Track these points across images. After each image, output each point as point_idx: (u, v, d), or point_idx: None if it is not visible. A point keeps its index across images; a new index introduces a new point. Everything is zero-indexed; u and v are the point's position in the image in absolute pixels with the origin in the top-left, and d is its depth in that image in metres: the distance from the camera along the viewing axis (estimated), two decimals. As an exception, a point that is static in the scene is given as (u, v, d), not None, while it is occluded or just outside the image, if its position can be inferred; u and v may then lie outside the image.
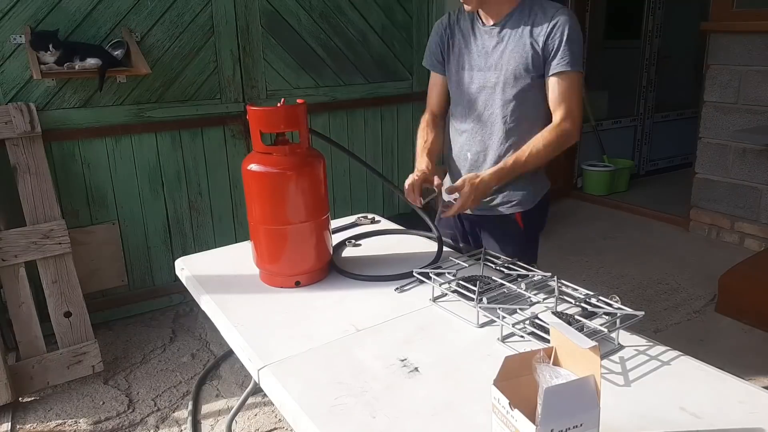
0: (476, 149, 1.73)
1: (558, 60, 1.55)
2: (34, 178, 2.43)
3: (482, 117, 1.69)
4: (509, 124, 1.65)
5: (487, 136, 1.70)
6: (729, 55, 3.64)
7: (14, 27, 2.47)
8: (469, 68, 1.68)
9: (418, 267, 1.43)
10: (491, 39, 1.63)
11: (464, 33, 1.69)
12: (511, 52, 1.60)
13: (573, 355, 0.79)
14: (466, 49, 1.68)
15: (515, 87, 1.61)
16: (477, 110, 1.69)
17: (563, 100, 1.58)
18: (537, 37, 1.56)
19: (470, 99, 1.70)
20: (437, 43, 1.74)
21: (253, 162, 1.37)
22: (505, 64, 1.61)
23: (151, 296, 3.01)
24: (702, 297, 3.11)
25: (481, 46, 1.65)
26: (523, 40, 1.58)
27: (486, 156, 1.71)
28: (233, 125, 3.04)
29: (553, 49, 1.55)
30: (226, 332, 1.27)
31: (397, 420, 0.93)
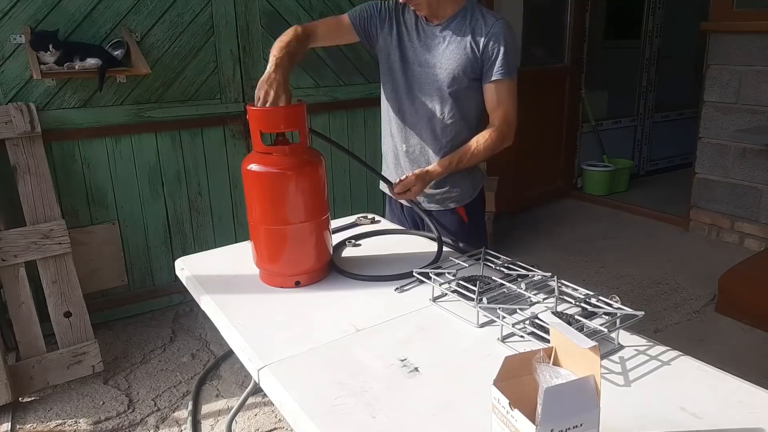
0: (412, 142, 1.79)
1: (496, 68, 1.64)
2: (34, 178, 2.43)
3: (419, 112, 1.75)
4: (447, 120, 1.72)
5: (423, 130, 1.76)
6: (729, 55, 3.64)
7: (14, 27, 2.47)
8: (411, 62, 1.73)
9: (418, 267, 1.43)
10: (434, 38, 1.69)
11: (408, 28, 1.73)
12: (452, 52, 1.67)
13: (573, 355, 0.79)
14: (409, 42, 1.72)
15: (453, 86, 1.68)
16: (415, 104, 1.75)
17: (500, 105, 1.68)
18: (477, 43, 1.64)
19: (410, 94, 1.75)
20: (376, 15, 1.74)
21: (253, 162, 1.37)
22: (445, 63, 1.67)
23: (151, 296, 3.01)
24: (702, 297, 3.11)
25: (423, 43, 1.71)
26: (463, 44, 1.65)
27: (421, 149, 1.79)
28: (233, 125, 3.04)
29: (491, 58, 1.64)
30: (226, 332, 1.27)
31: (397, 420, 0.93)
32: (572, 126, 4.80)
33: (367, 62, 3.38)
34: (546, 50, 4.71)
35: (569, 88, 4.64)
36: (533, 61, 4.57)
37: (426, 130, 1.76)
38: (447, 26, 1.68)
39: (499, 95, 1.68)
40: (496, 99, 1.68)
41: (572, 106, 4.72)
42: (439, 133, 1.75)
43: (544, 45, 4.69)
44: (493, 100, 1.69)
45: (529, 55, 4.47)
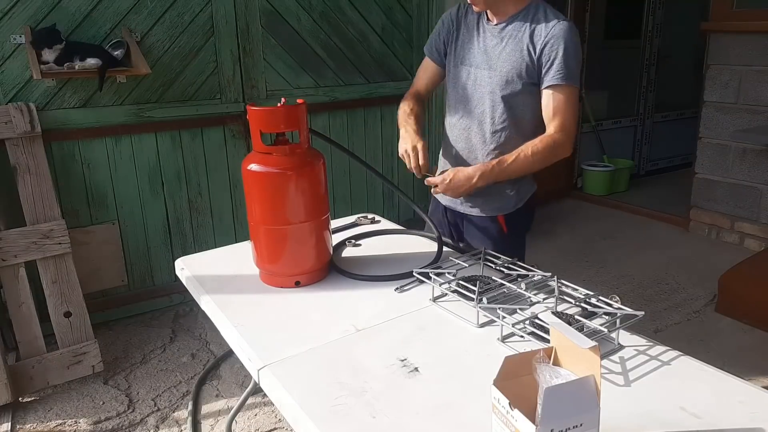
0: (462, 146, 1.76)
1: (554, 73, 1.55)
2: (34, 178, 2.43)
3: (472, 115, 1.71)
4: (497, 125, 1.66)
5: (473, 134, 1.72)
6: (729, 55, 3.64)
7: (14, 27, 2.47)
8: (467, 64, 1.69)
9: (418, 267, 1.43)
10: (493, 38, 1.64)
11: (469, 28, 1.69)
12: (508, 54, 1.60)
13: (573, 355, 0.79)
14: (468, 44, 1.68)
15: (507, 89, 1.62)
16: (468, 107, 1.71)
17: (557, 113, 1.57)
18: (534, 44, 1.56)
19: (463, 95, 1.72)
20: (442, 32, 1.75)
21: (253, 162, 1.37)
22: (500, 65, 1.61)
23: (151, 296, 3.01)
24: (702, 297, 3.11)
25: (482, 44, 1.66)
26: (520, 45, 1.58)
27: (470, 154, 1.74)
28: (233, 125, 3.04)
29: (548, 61, 1.55)
30: (226, 332, 1.27)
31: (397, 420, 0.93)
32: (572, 126, 4.78)
33: (367, 62, 3.39)
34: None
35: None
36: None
37: (475, 134, 1.71)
38: (506, 26, 1.61)
39: (555, 102, 1.57)
40: (552, 106, 1.57)
41: (572, 106, 4.71)
42: (487, 138, 1.69)
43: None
44: (549, 106, 1.58)
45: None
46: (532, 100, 1.62)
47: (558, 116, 1.58)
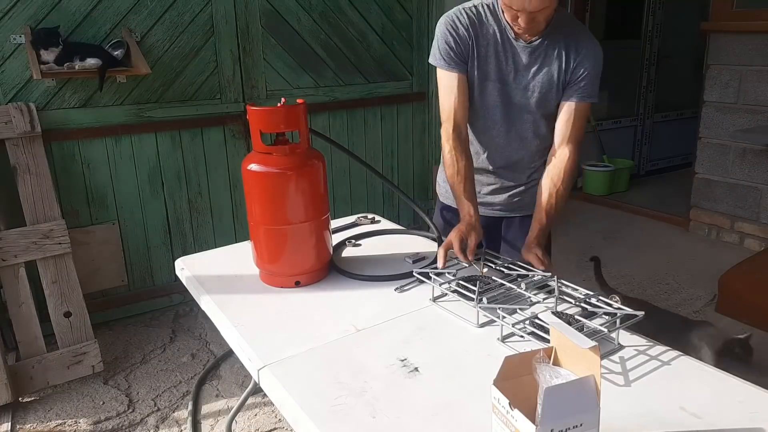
0: (500, 163, 1.71)
1: (582, 90, 1.56)
2: (34, 178, 2.43)
3: (511, 133, 1.65)
4: (542, 140, 1.65)
5: (515, 151, 1.68)
6: (729, 55, 3.64)
7: (14, 27, 2.47)
8: (497, 81, 1.57)
9: (418, 267, 1.43)
10: (525, 56, 1.55)
11: (489, 40, 1.55)
12: (546, 74, 1.56)
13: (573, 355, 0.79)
14: (493, 59, 1.55)
15: (547, 108, 1.60)
16: (505, 126, 1.63)
17: (575, 129, 1.59)
18: (569, 62, 1.55)
19: (496, 113, 1.62)
20: (457, 39, 1.54)
21: (253, 162, 1.37)
22: (537, 85, 1.56)
23: (151, 296, 3.01)
24: (702, 297, 3.11)
25: (511, 60, 1.55)
26: (558, 62, 1.55)
27: (513, 173, 1.72)
28: (233, 125, 3.04)
29: (579, 78, 1.55)
30: (226, 332, 1.27)
31: (397, 420, 0.93)
32: (572, 126, 4.78)
33: (367, 62, 3.39)
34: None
35: (569, 88, 4.63)
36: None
37: (517, 151, 1.67)
38: (541, 43, 1.54)
39: (576, 117, 1.58)
40: (573, 121, 1.58)
41: (572, 106, 4.71)
42: (534, 154, 1.68)
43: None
44: (569, 121, 1.58)
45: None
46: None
47: (575, 132, 1.59)
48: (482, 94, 1.60)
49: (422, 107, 3.66)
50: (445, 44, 1.56)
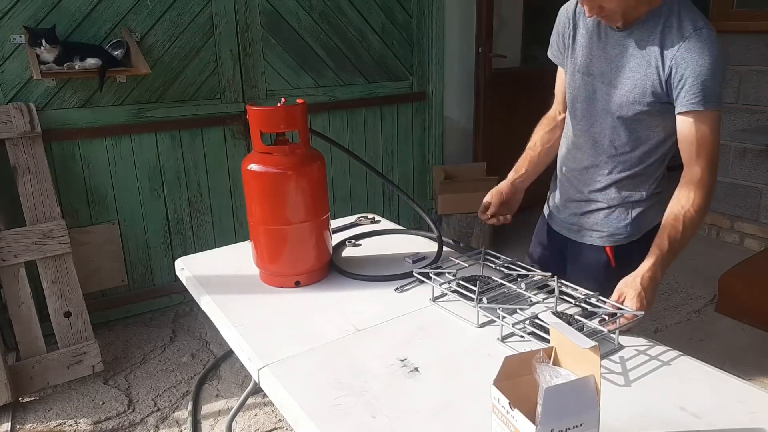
0: (571, 166, 1.53)
1: (691, 96, 1.25)
2: (34, 178, 2.43)
3: (587, 134, 1.46)
4: (617, 150, 1.42)
5: (586, 156, 1.47)
6: (729, 55, 3.64)
7: (14, 27, 2.47)
8: (586, 73, 1.42)
9: (418, 267, 1.43)
10: (616, 46, 1.35)
11: (588, 28, 1.41)
12: (632, 68, 1.33)
13: (573, 355, 0.79)
14: (587, 48, 1.41)
15: (631, 110, 1.35)
16: (583, 124, 1.46)
17: (702, 148, 1.30)
18: (664, 58, 1.27)
19: (578, 109, 1.46)
20: (559, 31, 1.49)
21: (253, 162, 1.37)
22: (623, 81, 1.34)
23: (151, 296, 3.01)
24: (702, 297, 3.11)
25: (602, 50, 1.38)
26: (647, 58, 1.30)
27: (578, 179, 1.52)
28: (233, 125, 3.04)
29: (683, 80, 1.25)
30: (226, 332, 1.27)
31: (397, 420, 0.93)
32: (572, 126, 4.79)
33: (367, 62, 3.39)
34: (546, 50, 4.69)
35: (569, 88, 4.62)
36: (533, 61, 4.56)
37: (588, 156, 1.47)
38: (633, 32, 1.31)
39: (698, 133, 1.28)
40: (696, 138, 1.29)
41: (572, 106, 4.71)
42: (602, 163, 1.45)
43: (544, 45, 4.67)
44: (690, 139, 1.30)
45: (529, 55, 4.46)
46: (662, 121, 1.36)
47: (703, 152, 1.30)
48: (571, 85, 1.47)
49: (422, 107, 3.66)
50: (553, 38, 1.54)
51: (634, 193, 1.46)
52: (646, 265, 1.26)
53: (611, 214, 1.48)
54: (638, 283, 1.22)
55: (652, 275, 1.24)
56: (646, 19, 1.30)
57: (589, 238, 1.53)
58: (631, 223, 1.48)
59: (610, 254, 1.50)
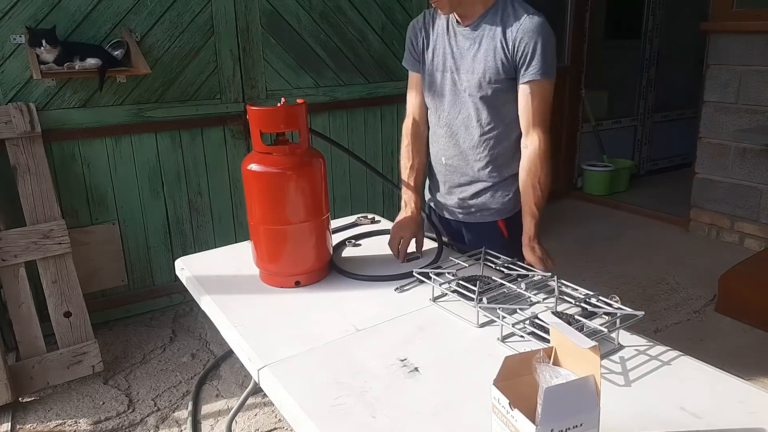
0: (451, 153, 1.71)
1: (532, 68, 1.51)
2: (34, 178, 2.43)
3: (456, 121, 1.66)
4: (485, 127, 1.62)
5: (462, 139, 1.67)
6: (729, 55, 3.64)
7: (14, 27, 2.47)
8: (443, 70, 1.64)
9: (418, 267, 1.43)
10: (465, 40, 1.59)
11: (440, 33, 1.65)
12: (483, 54, 1.56)
13: (573, 355, 0.79)
14: (441, 49, 1.64)
15: (488, 90, 1.57)
16: (451, 114, 1.67)
17: (537, 112, 1.55)
18: (507, 41, 1.52)
19: (444, 102, 1.67)
20: (413, 41, 1.71)
21: (253, 162, 1.37)
22: (478, 67, 1.57)
23: (151, 296, 3.01)
24: (702, 297, 3.11)
25: (456, 48, 1.61)
26: (494, 43, 1.54)
27: (462, 161, 1.69)
28: (233, 125, 3.04)
29: (525, 56, 1.51)
30: (226, 332, 1.27)
31: (397, 420, 0.93)
32: (572, 126, 4.80)
33: (367, 62, 3.38)
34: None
35: (569, 88, 4.64)
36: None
37: (464, 140, 1.66)
38: (477, 26, 1.56)
39: (535, 100, 1.53)
40: (533, 105, 1.54)
41: (572, 106, 4.72)
42: (476, 141, 1.64)
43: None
44: (529, 105, 1.54)
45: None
46: (515, 96, 1.58)
47: (538, 116, 1.55)
48: (433, 84, 1.68)
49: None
50: (406, 48, 1.74)
51: (507, 169, 1.67)
52: (530, 231, 1.57)
53: (496, 193, 1.70)
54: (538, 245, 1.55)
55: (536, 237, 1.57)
56: (485, 13, 1.56)
57: (482, 216, 1.73)
58: (512, 197, 1.70)
59: (503, 227, 1.73)
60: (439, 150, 1.74)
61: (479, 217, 1.73)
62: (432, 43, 1.67)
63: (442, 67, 1.64)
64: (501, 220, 1.71)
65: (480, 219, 1.73)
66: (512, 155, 1.65)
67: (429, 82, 1.69)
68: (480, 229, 1.74)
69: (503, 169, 1.67)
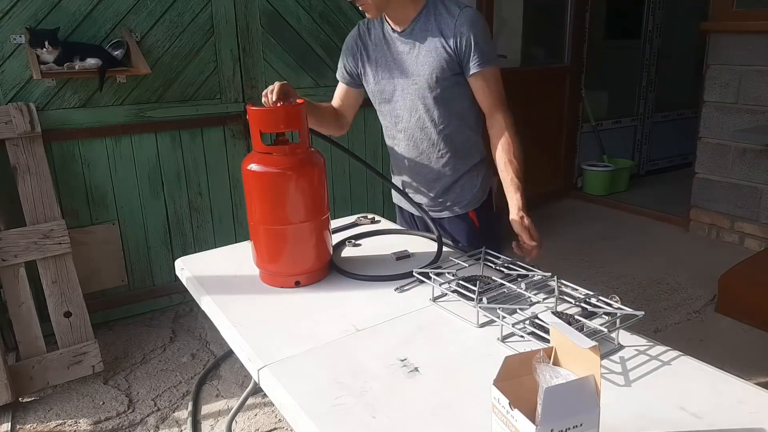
0: (413, 154, 1.74)
1: (477, 59, 1.56)
2: (34, 178, 2.43)
3: (411, 124, 1.69)
4: (439, 125, 1.66)
5: (420, 141, 1.70)
6: (729, 55, 3.64)
7: (14, 27, 2.47)
8: (387, 78, 1.67)
9: (418, 267, 1.43)
10: (403, 45, 1.62)
11: (377, 43, 1.68)
12: (425, 56, 1.59)
13: (573, 355, 0.79)
14: (382, 58, 1.67)
15: (436, 89, 1.61)
16: (405, 119, 1.69)
17: (495, 96, 1.61)
18: (446, 39, 1.56)
19: (395, 108, 1.70)
20: (348, 57, 1.74)
21: (253, 162, 1.37)
22: (421, 69, 1.60)
23: (151, 296, 3.01)
24: (702, 297, 3.11)
25: (395, 54, 1.64)
26: (434, 44, 1.57)
27: (423, 160, 1.73)
28: (233, 125, 3.04)
29: (467, 49, 1.55)
30: (226, 332, 1.27)
31: (397, 420, 0.93)
32: (572, 126, 4.80)
33: (367, 62, 3.38)
34: (546, 50, 4.71)
35: (569, 88, 4.64)
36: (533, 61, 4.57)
37: (422, 140, 1.70)
38: (412, 30, 1.60)
39: (490, 87, 1.60)
40: (489, 91, 1.60)
41: (572, 106, 4.72)
42: (435, 140, 1.69)
43: (544, 45, 4.69)
44: (486, 93, 1.61)
45: (529, 54, 4.47)
46: (462, 90, 1.63)
47: (497, 99, 1.61)
48: (383, 93, 1.71)
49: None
50: (341, 61, 1.77)
51: (468, 160, 1.73)
52: (519, 201, 1.57)
53: (465, 186, 1.75)
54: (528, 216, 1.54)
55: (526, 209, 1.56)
56: (417, 16, 1.59)
57: (454, 210, 1.78)
58: (479, 188, 1.77)
59: (474, 218, 1.78)
60: (401, 153, 1.78)
61: (450, 212, 1.78)
62: (372, 54, 1.69)
63: (387, 75, 1.67)
64: (472, 210, 1.77)
65: (451, 213, 1.78)
66: (471, 146, 1.73)
67: (377, 92, 1.72)
68: (453, 222, 1.78)
69: (466, 161, 1.73)
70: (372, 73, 1.71)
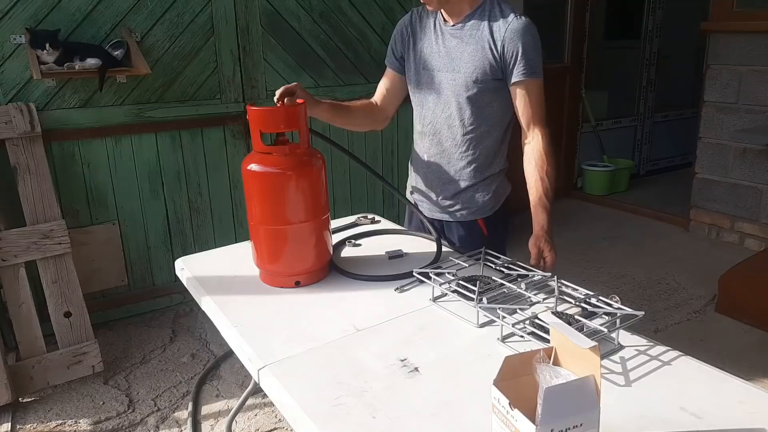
0: (435, 151, 1.73)
1: (521, 68, 1.55)
2: (34, 178, 2.43)
3: (440, 119, 1.68)
4: (467, 127, 1.64)
5: (444, 138, 1.69)
6: (729, 55, 3.64)
7: (14, 27, 2.47)
8: (429, 68, 1.66)
9: (418, 267, 1.43)
10: (452, 39, 1.61)
11: (426, 32, 1.67)
12: (470, 54, 1.58)
13: (573, 355, 0.79)
14: (427, 49, 1.66)
15: (473, 89, 1.59)
16: (435, 112, 1.69)
17: (535, 110, 1.59)
18: (495, 41, 1.55)
19: (428, 101, 1.69)
20: (398, 41, 1.74)
21: (253, 162, 1.36)
22: (464, 66, 1.59)
23: (151, 296, 3.01)
24: (702, 297, 3.11)
25: (442, 46, 1.63)
26: (481, 43, 1.56)
27: (444, 159, 1.71)
28: (233, 125, 3.04)
29: (513, 57, 1.54)
30: (226, 332, 1.27)
31: (397, 420, 0.93)
32: (572, 126, 4.80)
33: (367, 62, 3.38)
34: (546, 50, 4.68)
35: (569, 88, 4.64)
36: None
37: (447, 138, 1.68)
38: (464, 25, 1.59)
39: (531, 98, 1.58)
40: (529, 103, 1.59)
41: (572, 106, 4.72)
42: (459, 141, 1.67)
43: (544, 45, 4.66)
44: (525, 104, 1.59)
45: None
46: (499, 96, 1.62)
47: (537, 113, 1.60)
48: (419, 82, 1.70)
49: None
50: (390, 46, 1.78)
51: (488, 169, 1.71)
52: (543, 221, 1.59)
53: (477, 193, 1.72)
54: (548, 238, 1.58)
55: (550, 229, 1.59)
56: (472, 13, 1.58)
57: (462, 215, 1.75)
58: (492, 197, 1.74)
59: (482, 226, 1.76)
60: (422, 147, 1.76)
61: (459, 216, 1.75)
62: (419, 42, 1.68)
63: (429, 65, 1.66)
64: (481, 218, 1.75)
65: (460, 218, 1.76)
66: (494, 155, 1.70)
67: (415, 81, 1.71)
68: (461, 227, 1.76)
69: (484, 169, 1.70)
70: (414, 60, 1.69)
